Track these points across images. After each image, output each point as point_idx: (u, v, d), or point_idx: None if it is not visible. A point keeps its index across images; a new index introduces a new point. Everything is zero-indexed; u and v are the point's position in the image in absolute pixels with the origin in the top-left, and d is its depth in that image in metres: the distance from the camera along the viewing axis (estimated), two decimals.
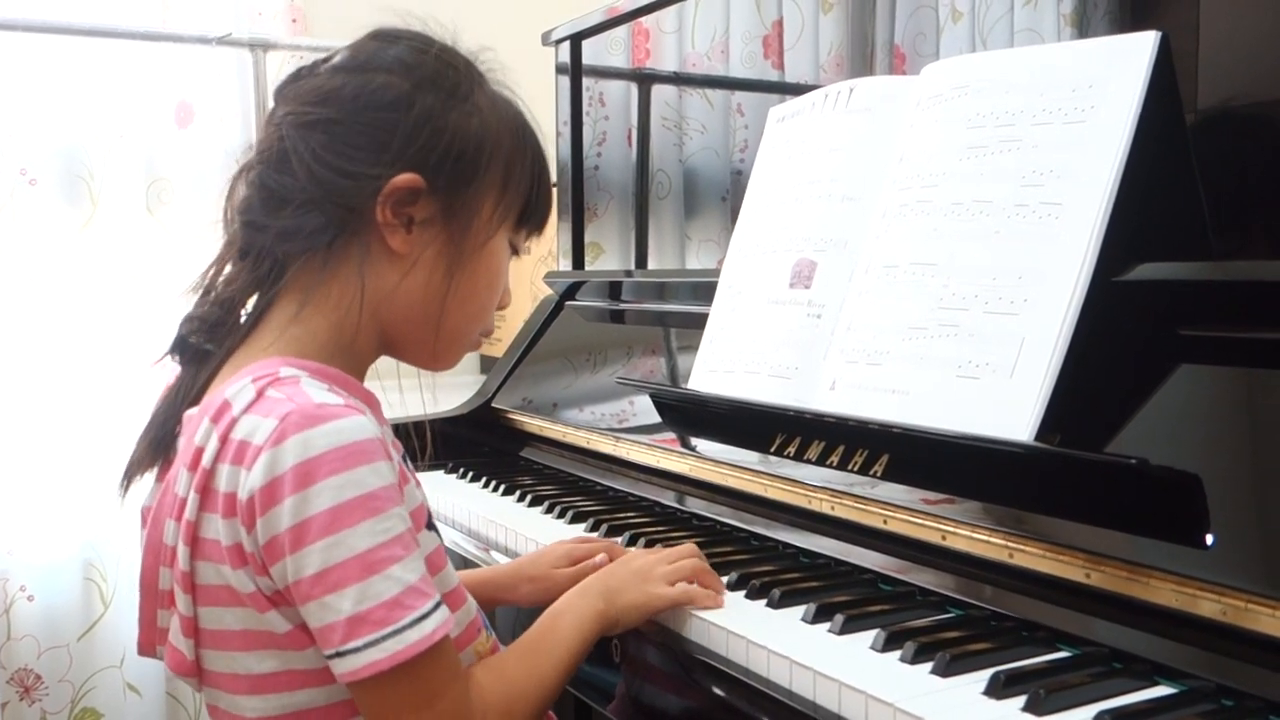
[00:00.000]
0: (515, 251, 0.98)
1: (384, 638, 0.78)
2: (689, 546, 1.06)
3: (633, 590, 0.98)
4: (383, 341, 0.93)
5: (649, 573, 1.00)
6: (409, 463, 0.93)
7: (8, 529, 2.11)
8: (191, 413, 0.87)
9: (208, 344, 0.91)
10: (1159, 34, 0.96)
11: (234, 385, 0.83)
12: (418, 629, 0.79)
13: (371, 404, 0.90)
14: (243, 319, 0.91)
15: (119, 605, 2.19)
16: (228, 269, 0.92)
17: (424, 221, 0.89)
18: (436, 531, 0.91)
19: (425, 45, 0.92)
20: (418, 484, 0.91)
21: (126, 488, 0.92)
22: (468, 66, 0.93)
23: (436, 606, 0.81)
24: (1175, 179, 0.97)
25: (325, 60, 0.92)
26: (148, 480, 0.92)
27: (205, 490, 0.82)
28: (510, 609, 1.22)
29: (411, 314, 0.91)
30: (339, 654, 0.78)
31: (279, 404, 0.80)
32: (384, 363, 0.97)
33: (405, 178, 0.87)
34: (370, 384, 0.95)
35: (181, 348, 0.92)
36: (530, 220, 0.97)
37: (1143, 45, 0.96)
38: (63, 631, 2.17)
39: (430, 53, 0.91)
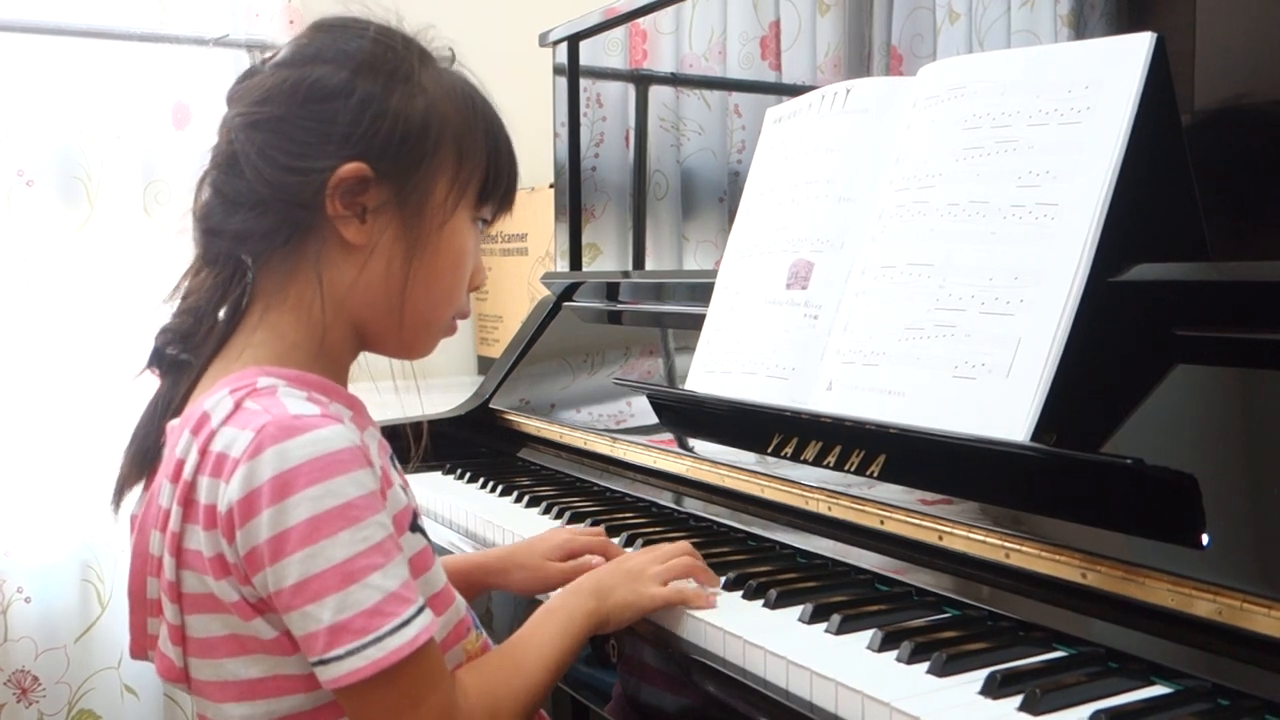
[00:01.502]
0: (488, 223, 0.96)
1: (365, 645, 0.78)
2: (683, 544, 1.06)
3: (624, 589, 0.98)
4: (356, 336, 0.92)
5: (641, 572, 1.00)
6: (396, 463, 0.93)
7: (4, 531, 2.10)
8: (174, 424, 0.86)
9: (183, 354, 0.90)
10: (1155, 35, 0.96)
11: (212, 397, 0.83)
12: (399, 635, 0.79)
13: (355, 408, 0.90)
14: (216, 326, 0.90)
15: (116, 607, 2.19)
16: (195, 277, 0.91)
17: (377, 210, 0.87)
18: (423, 533, 0.90)
19: (362, 29, 0.89)
20: (405, 485, 0.91)
21: (118, 504, 0.92)
22: (407, 45, 0.90)
23: (419, 611, 0.81)
24: (1171, 180, 0.98)
25: (271, 57, 0.91)
26: (137, 489, 0.92)
27: (187, 502, 0.82)
28: (508, 605, 1.22)
29: (375, 305, 0.90)
30: (322, 662, 0.78)
31: (256, 416, 0.80)
32: (378, 363, 0.97)
33: (350, 167, 0.85)
34: (365, 384, 0.95)
35: (159, 359, 0.92)
36: (493, 194, 0.94)
37: (1139, 46, 0.97)
38: (60, 633, 2.16)
39: (367, 36, 0.89)
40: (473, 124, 0.92)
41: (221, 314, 0.90)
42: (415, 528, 0.89)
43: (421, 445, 1.03)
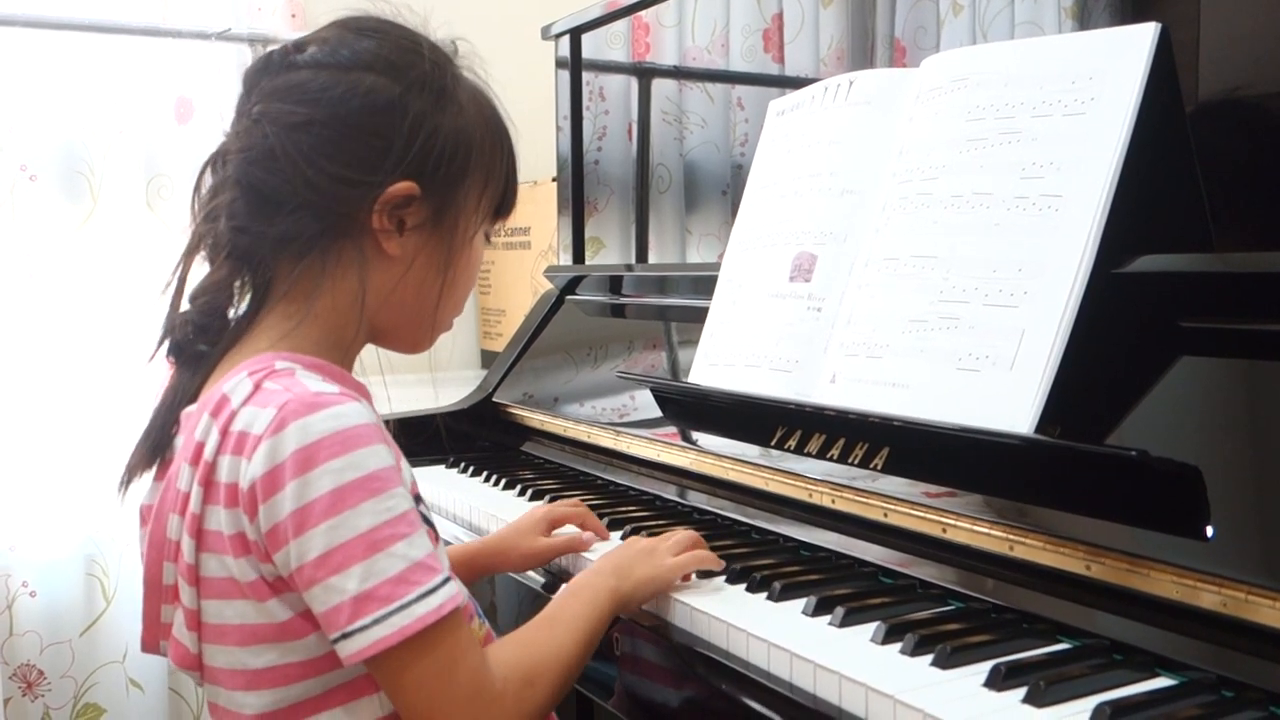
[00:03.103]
0: (487, 238, 0.99)
1: (391, 613, 0.78)
2: (683, 529, 1.08)
3: (644, 566, 1.00)
4: (371, 334, 0.94)
5: (654, 549, 1.03)
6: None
7: (10, 525, 2.11)
8: (190, 410, 0.87)
9: (202, 345, 0.91)
10: (1158, 25, 0.96)
11: (231, 380, 0.84)
12: (425, 603, 0.79)
13: (363, 395, 0.91)
14: (235, 320, 0.91)
15: (121, 601, 2.19)
16: (210, 268, 0.91)
17: (415, 225, 0.90)
18: (424, 519, 0.90)
19: (412, 43, 0.91)
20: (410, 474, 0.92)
21: (126, 488, 0.92)
22: (448, 62, 0.93)
23: (445, 581, 0.81)
24: (1175, 171, 0.97)
25: (298, 50, 0.90)
26: (145, 478, 0.92)
27: (208, 483, 0.82)
28: (513, 597, 1.23)
29: (405, 312, 0.93)
30: (346, 634, 0.78)
31: (276, 394, 0.81)
32: (372, 359, 0.97)
33: (402, 185, 0.87)
34: (363, 380, 0.95)
35: (177, 350, 0.92)
36: (504, 210, 0.98)
37: (1142, 37, 0.96)
38: (65, 627, 2.17)
39: (420, 52, 0.90)
40: (498, 144, 0.95)
41: (241, 308, 0.91)
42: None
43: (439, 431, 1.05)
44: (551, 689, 0.88)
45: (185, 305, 0.92)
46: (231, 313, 0.91)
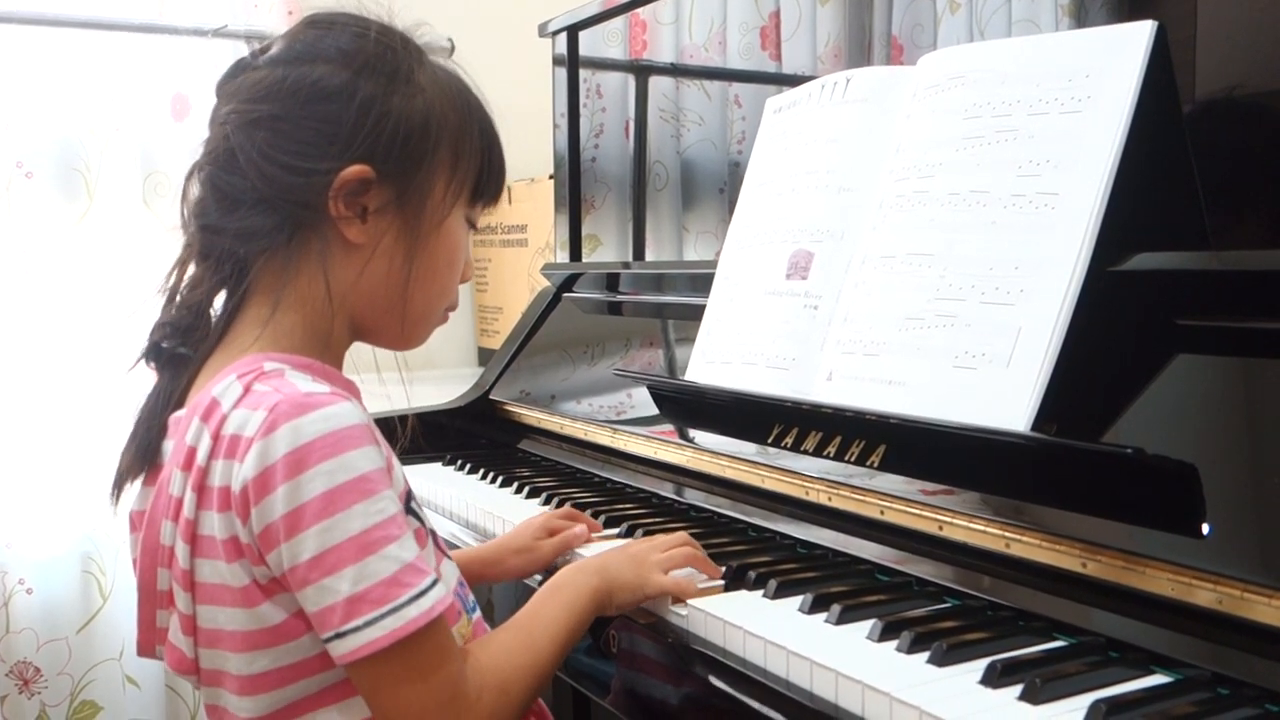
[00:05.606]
0: (472, 225, 0.97)
1: (383, 615, 0.78)
2: (683, 535, 1.07)
3: (629, 572, 0.99)
4: (353, 329, 0.93)
5: (645, 558, 1.01)
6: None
7: (6, 522, 2.10)
8: (178, 415, 0.87)
9: (181, 348, 0.91)
10: (1155, 24, 0.96)
11: (220, 383, 0.84)
12: (416, 605, 0.79)
13: (353, 393, 0.90)
14: (213, 320, 0.91)
15: (118, 598, 2.19)
16: (190, 271, 0.92)
17: (378, 210, 0.89)
18: (415, 516, 0.91)
19: (362, 28, 0.90)
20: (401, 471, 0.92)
21: (118, 497, 0.92)
22: (405, 45, 0.91)
23: (434, 583, 0.81)
24: (1172, 169, 0.97)
25: (263, 51, 0.91)
26: (136, 484, 0.92)
27: (201, 488, 0.82)
28: (509, 594, 1.23)
29: (376, 301, 0.91)
30: (338, 635, 0.79)
31: (267, 396, 0.81)
32: (369, 354, 0.97)
33: (354, 169, 0.86)
34: (360, 377, 0.95)
35: (156, 354, 0.92)
36: (484, 194, 0.96)
37: (1139, 35, 0.96)
38: (61, 624, 2.17)
39: (368, 36, 0.89)
40: (468, 123, 0.93)
41: (218, 309, 0.91)
42: (409, 510, 0.89)
43: (407, 433, 1.04)
44: (525, 695, 0.89)
45: (165, 308, 0.92)
46: (213, 313, 0.91)
